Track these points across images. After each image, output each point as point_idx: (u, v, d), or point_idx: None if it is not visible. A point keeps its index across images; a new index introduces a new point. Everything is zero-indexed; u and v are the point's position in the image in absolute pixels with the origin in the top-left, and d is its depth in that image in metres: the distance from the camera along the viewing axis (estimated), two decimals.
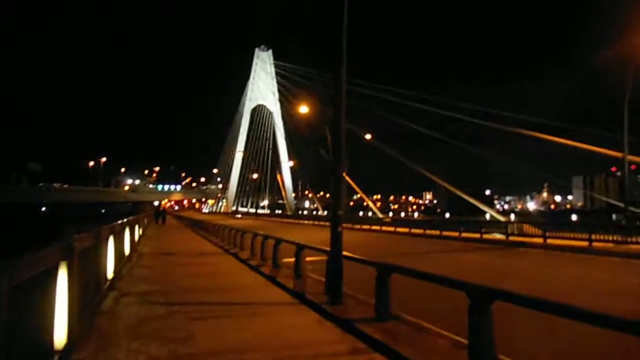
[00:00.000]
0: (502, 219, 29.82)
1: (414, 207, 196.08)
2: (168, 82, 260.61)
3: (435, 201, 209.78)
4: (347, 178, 53.01)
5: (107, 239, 7.21)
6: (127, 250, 11.40)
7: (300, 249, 10.19)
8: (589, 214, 63.93)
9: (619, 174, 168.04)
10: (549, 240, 17.99)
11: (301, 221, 54.94)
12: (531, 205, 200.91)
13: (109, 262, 7.40)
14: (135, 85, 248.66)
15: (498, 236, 21.75)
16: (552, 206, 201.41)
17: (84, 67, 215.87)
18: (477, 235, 21.99)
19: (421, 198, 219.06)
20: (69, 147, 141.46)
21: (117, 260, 8.71)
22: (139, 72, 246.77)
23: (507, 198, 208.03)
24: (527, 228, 22.60)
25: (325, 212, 74.36)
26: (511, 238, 19.99)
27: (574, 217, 42.53)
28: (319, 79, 57.48)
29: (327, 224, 42.49)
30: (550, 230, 18.97)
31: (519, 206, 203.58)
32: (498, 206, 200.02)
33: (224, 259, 13.80)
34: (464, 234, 23.04)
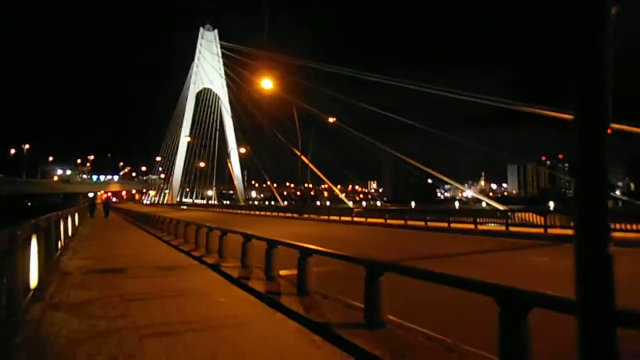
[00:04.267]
0: (500, 207, 26.40)
1: (361, 195, 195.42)
2: (102, 62, 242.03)
3: (380, 189, 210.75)
4: (312, 166, 48.49)
5: None
6: (33, 276, 6.10)
7: (375, 272, 5.41)
8: (567, 201, 63.58)
9: (548, 162, 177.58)
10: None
11: (258, 212, 49.70)
12: (469, 193, 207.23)
13: None
14: (65, 66, 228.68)
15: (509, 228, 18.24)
16: (490, 193, 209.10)
17: (16, 45, 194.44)
18: (502, 228, 18.23)
19: (367, 187, 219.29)
20: None
21: None
22: (67, 50, 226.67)
23: (446, 186, 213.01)
24: (532, 217, 19.47)
25: (285, 203, 69.66)
26: (550, 231, 16.29)
27: (551, 205, 40.72)
28: (269, 61, 52.05)
29: (294, 215, 37.91)
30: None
31: (460, 194, 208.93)
32: (439, 194, 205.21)
33: (206, 278, 8.76)
34: (481, 227, 19.27)
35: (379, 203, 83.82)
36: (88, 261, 10.61)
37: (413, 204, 55.01)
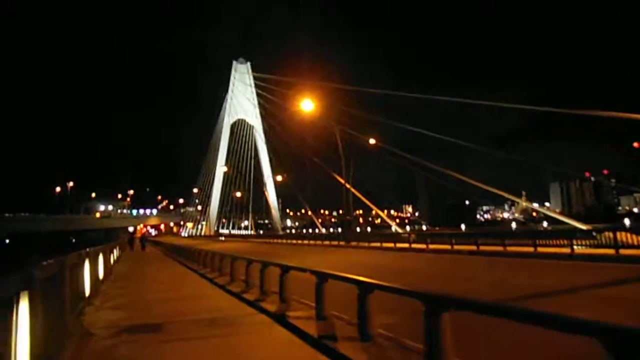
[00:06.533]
0: (583, 227, 22.96)
1: (398, 220, 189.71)
2: (139, 99, 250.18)
3: (417, 213, 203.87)
4: (354, 190, 45.86)
5: None
6: (21, 355, 3.80)
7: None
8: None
9: (592, 178, 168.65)
10: None
11: (300, 241, 47.26)
12: (509, 214, 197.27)
13: None
14: (105, 105, 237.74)
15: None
16: (534, 214, 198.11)
17: (49, 87, 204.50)
18: (609, 252, 15.06)
19: (402, 211, 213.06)
20: (33, 174, 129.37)
21: None
22: (108, 90, 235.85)
23: (485, 208, 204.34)
24: (628, 237, 16.31)
25: (324, 230, 67.22)
26: None
27: (627, 222, 36.60)
28: (305, 87, 50.39)
29: (340, 243, 35.05)
30: None
31: (500, 215, 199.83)
32: (478, 216, 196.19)
33: (273, 337, 6.30)
34: (578, 250, 16.15)
35: (424, 227, 79.62)
36: (119, 312, 8.38)
37: (463, 226, 51.19)
